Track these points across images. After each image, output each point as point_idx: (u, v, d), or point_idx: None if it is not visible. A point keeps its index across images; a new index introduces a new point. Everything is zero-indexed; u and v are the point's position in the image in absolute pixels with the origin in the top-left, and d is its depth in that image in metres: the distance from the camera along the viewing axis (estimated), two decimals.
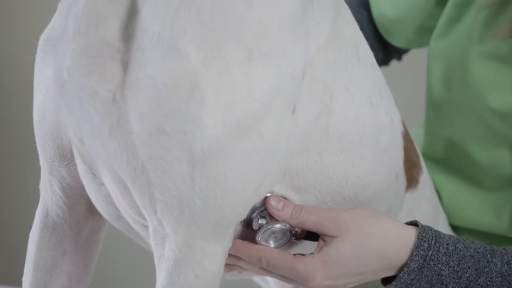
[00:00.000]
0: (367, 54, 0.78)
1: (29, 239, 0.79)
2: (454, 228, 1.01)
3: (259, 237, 0.72)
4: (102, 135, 0.64)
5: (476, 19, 0.92)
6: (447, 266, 0.73)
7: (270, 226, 0.72)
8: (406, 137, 0.84)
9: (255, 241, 0.73)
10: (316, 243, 0.74)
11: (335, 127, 0.72)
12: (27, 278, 0.79)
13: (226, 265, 0.73)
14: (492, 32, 0.89)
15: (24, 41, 1.79)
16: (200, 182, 0.62)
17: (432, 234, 0.74)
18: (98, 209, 0.74)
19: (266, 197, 0.71)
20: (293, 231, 0.74)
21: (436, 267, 0.73)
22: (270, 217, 0.72)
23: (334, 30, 0.72)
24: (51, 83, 0.68)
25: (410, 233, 0.74)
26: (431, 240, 0.73)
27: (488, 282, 0.74)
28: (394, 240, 0.73)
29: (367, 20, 1.12)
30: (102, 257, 0.88)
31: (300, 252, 0.74)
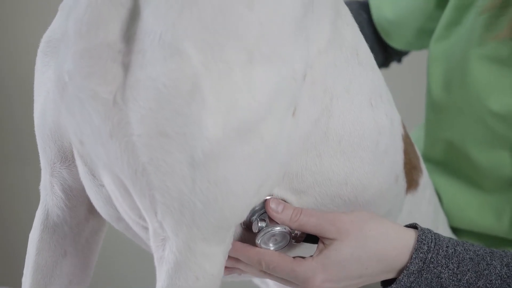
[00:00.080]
0: (368, 56, 0.77)
1: (29, 240, 0.79)
2: (454, 230, 1.01)
3: (259, 240, 0.72)
4: (103, 137, 0.63)
5: (476, 22, 0.91)
6: (447, 269, 0.73)
7: (270, 229, 0.72)
8: (406, 140, 0.84)
9: (255, 244, 0.73)
10: (316, 246, 0.74)
11: (335, 130, 0.72)
12: (27, 279, 0.79)
13: (226, 268, 0.73)
14: (492, 35, 0.89)
15: (24, 41, 1.79)
16: (201, 184, 0.62)
17: (432, 237, 0.74)
18: (98, 210, 0.74)
19: (266, 200, 0.71)
20: (293, 234, 0.74)
21: (436, 270, 0.73)
22: (270, 220, 0.72)
23: (335, 32, 0.72)
24: (52, 85, 0.68)
25: (410, 236, 0.74)
26: (431, 243, 0.73)
27: (488, 285, 0.74)
28: (394, 243, 0.73)
29: (367, 23, 1.12)
30: (102, 258, 0.88)
31: (300, 255, 0.74)
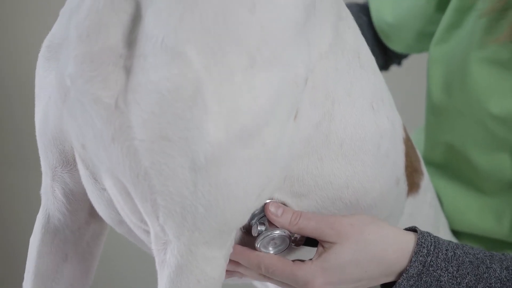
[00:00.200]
0: (369, 59, 0.77)
1: (30, 245, 0.78)
2: (455, 233, 1.01)
3: (259, 244, 0.72)
4: (105, 141, 0.63)
5: (476, 25, 0.91)
6: (446, 272, 0.73)
7: (270, 233, 0.72)
8: (407, 142, 0.84)
9: (255, 248, 0.73)
10: (315, 249, 0.74)
11: (336, 133, 0.72)
12: (28, 284, 0.79)
13: (227, 271, 0.73)
14: (493, 38, 0.89)
15: (24, 41, 1.79)
16: (203, 189, 0.62)
17: (431, 240, 0.74)
18: (100, 214, 0.74)
19: (266, 204, 0.71)
20: (293, 238, 0.74)
21: (435, 273, 0.73)
22: (270, 224, 0.72)
23: (336, 36, 0.72)
24: (53, 90, 0.68)
25: (409, 239, 0.74)
26: (430, 246, 0.73)
27: None
28: (393, 246, 0.73)
29: (367, 25, 1.11)
30: (103, 261, 0.88)
31: (299, 258, 0.75)
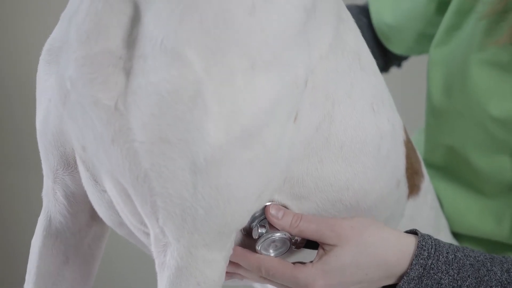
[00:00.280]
0: (369, 61, 0.77)
1: (31, 247, 0.78)
2: (455, 235, 1.01)
3: (259, 246, 0.72)
4: (105, 143, 0.63)
5: (476, 27, 0.91)
6: (447, 275, 0.73)
7: (270, 235, 0.71)
8: (408, 144, 0.84)
9: (255, 250, 0.73)
10: (316, 252, 0.74)
11: (337, 135, 0.72)
12: (30, 286, 0.78)
13: (227, 273, 0.73)
14: (493, 40, 0.89)
15: (24, 41, 1.79)
16: (203, 190, 0.62)
17: (432, 243, 0.74)
18: (101, 216, 0.74)
19: (266, 206, 0.71)
20: (293, 240, 0.74)
21: (436, 276, 0.73)
22: (270, 226, 0.72)
23: (337, 37, 0.72)
24: (54, 92, 0.68)
25: (410, 242, 0.74)
26: (431, 249, 0.73)
27: None
28: (394, 249, 0.73)
29: (367, 27, 1.11)
30: (103, 263, 0.88)
31: (300, 260, 0.74)
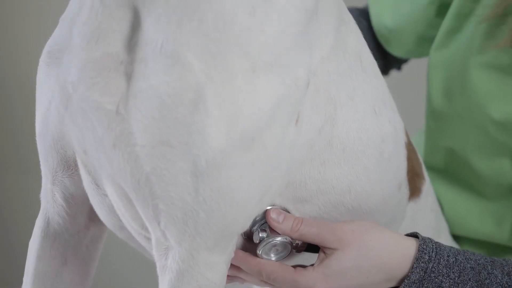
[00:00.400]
0: (371, 63, 0.77)
1: (29, 248, 0.78)
2: (455, 238, 1.00)
3: (260, 251, 0.72)
4: (106, 147, 0.63)
5: (477, 30, 0.91)
6: (448, 278, 0.73)
7: (271, 240, 0.71)
8: (409, 147, 0.84)
9: (256, 254, 0.72)
10: (317, 254, 0.73)
11: (339, 138, 0.72)
12: (27, 287, 0.78)
13: (228, 276, 0.73)
14: (493, 43, 0.88)
15: (24, 41, 1.79)
16: (204, 194, 0.62)
17: (433, 246, 0.74)
18: (102, 220, 0.74)
19: (267, 210, 0.71)
20: (294, 244, 0.73)
21: (437, 279, 0.73)
22: (271, 230, 0.71)
23: (338, 39, 0.71)
24: (55, 96, 0.68)
25: (411, 245, 0.74)
26: (432, 252, 0.73)
27: None
28: (395, 252, 0.73)
29: (367, 30, 1.11)
30: (102, 264, 0.88)
31: (300, 263, 0.74)
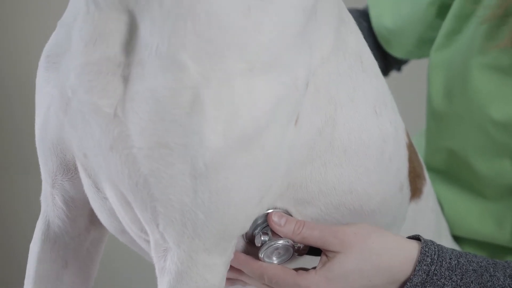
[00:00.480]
0: (371, 63, 0.77)
1: (30, 251, 0.78)
2: (455, 239, 1.01)
3: (262, 254, 0.72)
4: (104, 150, 0.63)
5: (477, 31, 0.91)
6: (450, 281, 0.73)
7: (273, 243, 0.71)
8: (410, 147, 0.83)
9: (258, 258, 0.72)
10: (319, 257, 0.73)
11: (340, 139, 0.71)
12: None
13: (229, 279, 0.73)
14: (493, 44, 0.88)
15: (24, 41, 1.79)
16: (203, 195, 0.62)
17: (435, 249, 0.73)
18: (103, 223, 0.74)
19: (268, 213, 0.71)
20: (296, 247, 0.73)
21: (439, 282, 0.72)
22: (273, 233, 0.71)
23: (338, 39, 0.71)
24: (54, 101, 0.68)
25: (413, 248, 0.73)
26: (434, 255, 0.73)
27: None
28: (397, 255, 0.73)
29: (367, 31, 1.11)
30: (103, 265, 0.87)
31: (302, 266, 0.74)
